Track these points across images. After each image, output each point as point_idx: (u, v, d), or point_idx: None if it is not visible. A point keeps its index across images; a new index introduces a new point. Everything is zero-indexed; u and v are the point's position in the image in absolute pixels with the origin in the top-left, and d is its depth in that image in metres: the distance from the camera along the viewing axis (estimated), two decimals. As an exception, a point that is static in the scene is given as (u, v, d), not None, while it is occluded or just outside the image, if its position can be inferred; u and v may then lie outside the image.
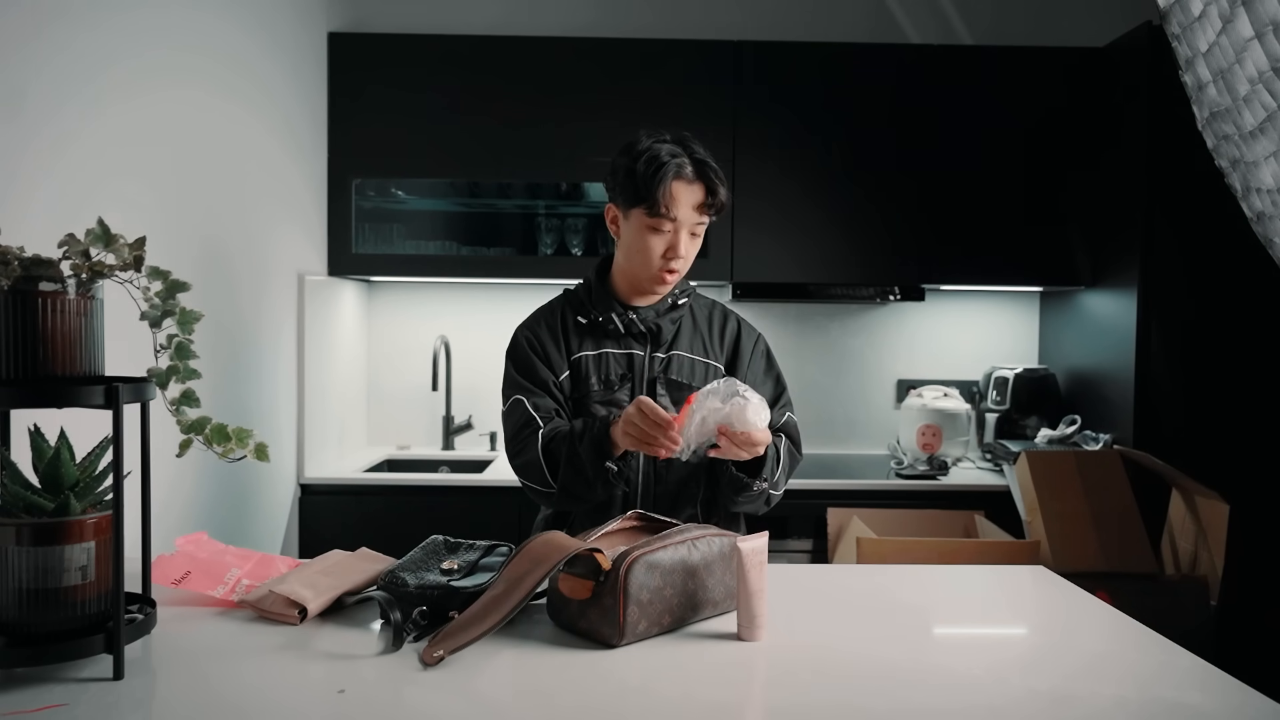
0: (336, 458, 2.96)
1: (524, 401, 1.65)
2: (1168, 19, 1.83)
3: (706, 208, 1.64)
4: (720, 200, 1.64)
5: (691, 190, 1.62)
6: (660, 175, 1.59)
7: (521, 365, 1.70)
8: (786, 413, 1.74)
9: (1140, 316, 2.66)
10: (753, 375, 1.74)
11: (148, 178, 1.90)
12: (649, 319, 1.70)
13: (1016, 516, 2.52)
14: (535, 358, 1.70)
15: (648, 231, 1.63)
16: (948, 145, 2.94)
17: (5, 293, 1.08)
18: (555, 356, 1.70)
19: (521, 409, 1.65)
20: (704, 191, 1.63)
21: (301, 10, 2.72)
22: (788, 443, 1.70)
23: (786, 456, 1.68)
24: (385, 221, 3.05)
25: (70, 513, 1.09)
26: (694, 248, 1.68)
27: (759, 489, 1.59)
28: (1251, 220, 1.94)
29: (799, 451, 1.74)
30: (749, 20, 3.18)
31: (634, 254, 1.66)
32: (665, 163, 1.60)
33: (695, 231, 1.66)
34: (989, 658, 1.23)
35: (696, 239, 1.68)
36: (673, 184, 1.60)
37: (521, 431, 1.64)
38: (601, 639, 1.23)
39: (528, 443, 1.62)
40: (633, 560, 1.23)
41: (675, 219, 1.62)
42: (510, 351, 1.74)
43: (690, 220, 1.63)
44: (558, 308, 1.76)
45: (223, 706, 1.05)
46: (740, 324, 1.80)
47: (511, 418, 1.67)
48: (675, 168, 1.60)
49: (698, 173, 1.62)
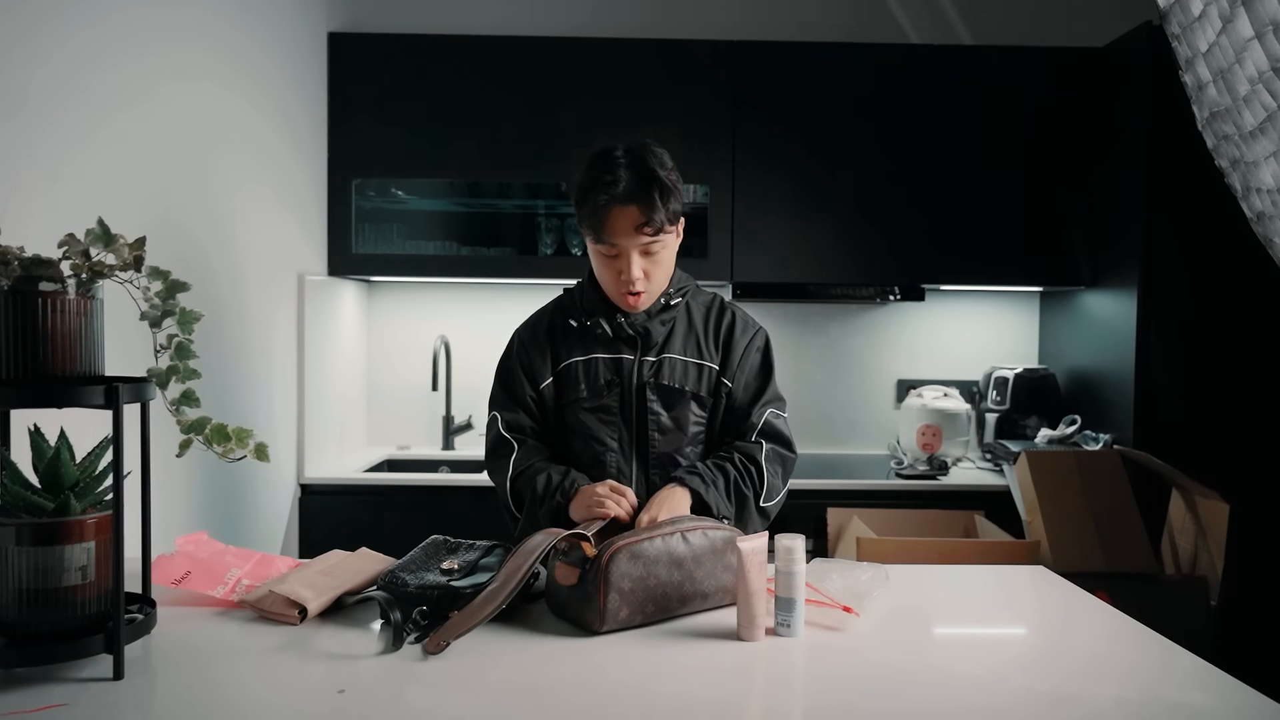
0: (336, 458, 2.96)
1: (499, 419, 1.70)
2: (1168, 19, 1.83)
3: (646, 228, 1.54)
4: (659, 220, 1.54)
5: (626, 214, 1.54)
6: (593, 205, 1.55)
7: (504, 377, 1.73)
8: (767, 410, 1.67)
9: (1140, 316, 2.66)
10: (742, 375, 1.69)
11: (148, 177, 1.89)
12: (638, 323, 1.66)
13: (1016, 516, 2.52)
14: (519, 369, 1.70)
15: (599, 256, 1.62)
16: (948, 145, 2.94)
17: (5, 293, 1.08)
18: (540, 365, 1.69)
19: (495, 428, 1.70)
20: (639, 214, 1.54)
21: (301, 10, 2.72)
22: (770, 448, 1.64)
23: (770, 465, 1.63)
24: (385, 221, 3.05)
25: (70, 513, 1.09)
26: (656, 265, 1.60)
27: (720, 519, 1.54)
28: (1251, 220, 1.94)
29: (789, 450, 1.68)
30: (749, 20, 3.18)
31: (599, 275, 1.66)
32: (593, 191, 1.54)
33: (649, 250, 1.58)
34: (989, 658, 1.23)
35: (655, 257, 1.59)
36: (607, 212, 1.54)
37: (496, 450, 1.69)
38: (584, 624, 1.28)
39: (499, 466, 1.67)
40: (616, 549, 1.27)
41: (616, 244, 1.56)
42: (501, 361, 1.76)
43: (634, 243, 1.56)
44: (548, 314, 1.75)
45: (223, 706, 1.05)
46: (736, 318, 1.73)
47: (489, 433, 1.72)
48: (606, 195, 1.53)
49: (631, 193, 1.53)
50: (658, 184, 1.54)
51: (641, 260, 1.58)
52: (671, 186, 1.57)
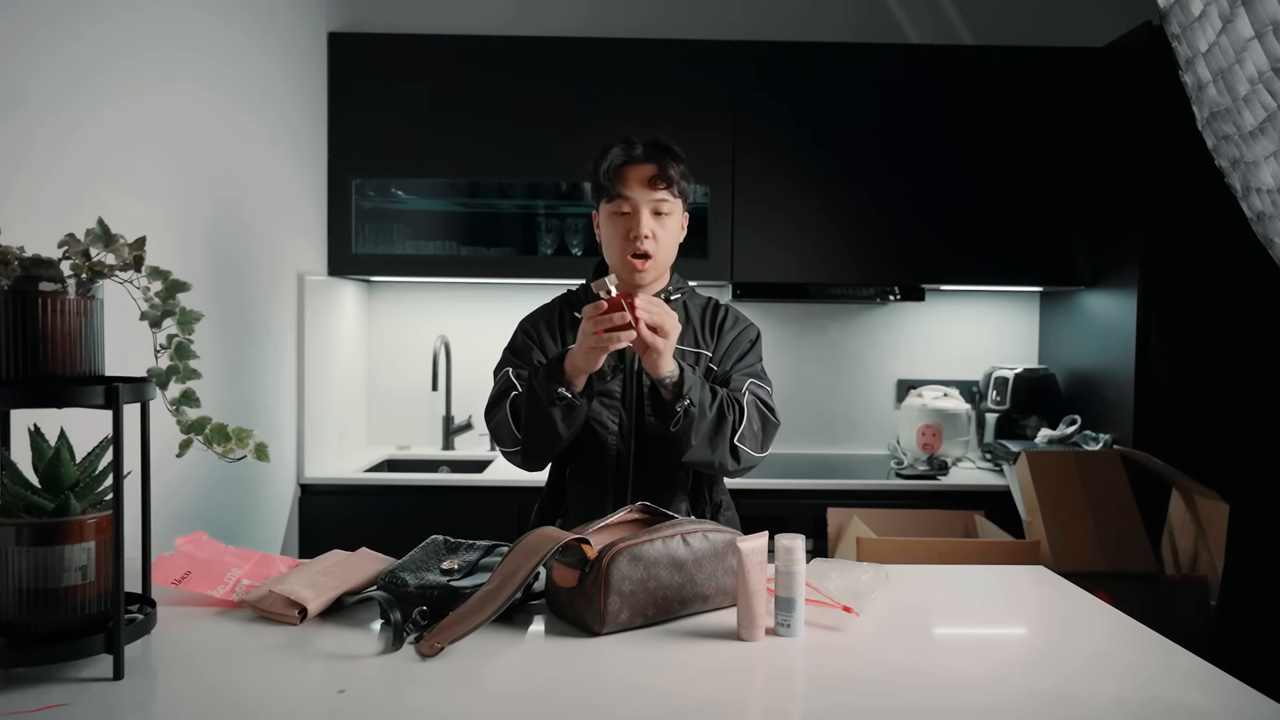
0: (336, 458, 2.96)
1: (509, 372, 1.69)
2: (1168, 19, 1.83)
3: (660, 181, 1.65)
4: (673, 174, 1.66)
5: (640, 169, 1.66)
6: (608, 160, 1.67)
7: (516, 349, 1.77)
8: (748, 380, 1.69)
9: (1140, 316, 2.66)
10: (730, 355, 1.74)
11: (147, 178, 1.90)
12: None
13: (1016, 516, 2.52)
14: (531, 344, 1.75)
15: (611, 218, 1.69)
16: (948, 145, 2.94)
17: (5, 293, 1.08)
18: (551, 346, 1.75)
19: (505, 378, 1.69)
20: (655, 168, 1.65)
21: (301, 10, 2.72)
22: (753, 398, 1.65)
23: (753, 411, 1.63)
24: (385, 221, 3.05)
25: (70, 513, 1.09)
26: (664, 230, 1.68)
27: (682, 409, 1.54)
28: (1251, 220, 1.94)
29: (773, 416, 1.68)
30: (749, 20, 3.18)
31: (607, 247, 1.72)
32: (611, 152, 1.67)
33: (659, 209, 1.67)
34: (989, 658, 1.23)
35: (663, 220, 1.67)
36: (622, 167, 1.66)
37: (500, 397, 1.68)
38: (585, 626, 1.27)
39: (500, 404, 1.66)
40: (616, 552, 1.26)
41: (628, 198, 1.65)
42: (509, 342, 1.80)
43: (646, 198, 1.65)
44: (557, 306, 1.82)
45: (223, 706, 1.05)
46: (730, 313, 1.80)
47: (496, 386, 1.72)
48: (622, 151, 1.67)
49: (647, 154, 1.66)
50: (671, 152, 1.69)
51: (651, 220, 1.66)
52: (683, 161, 1.70)
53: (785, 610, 1.27)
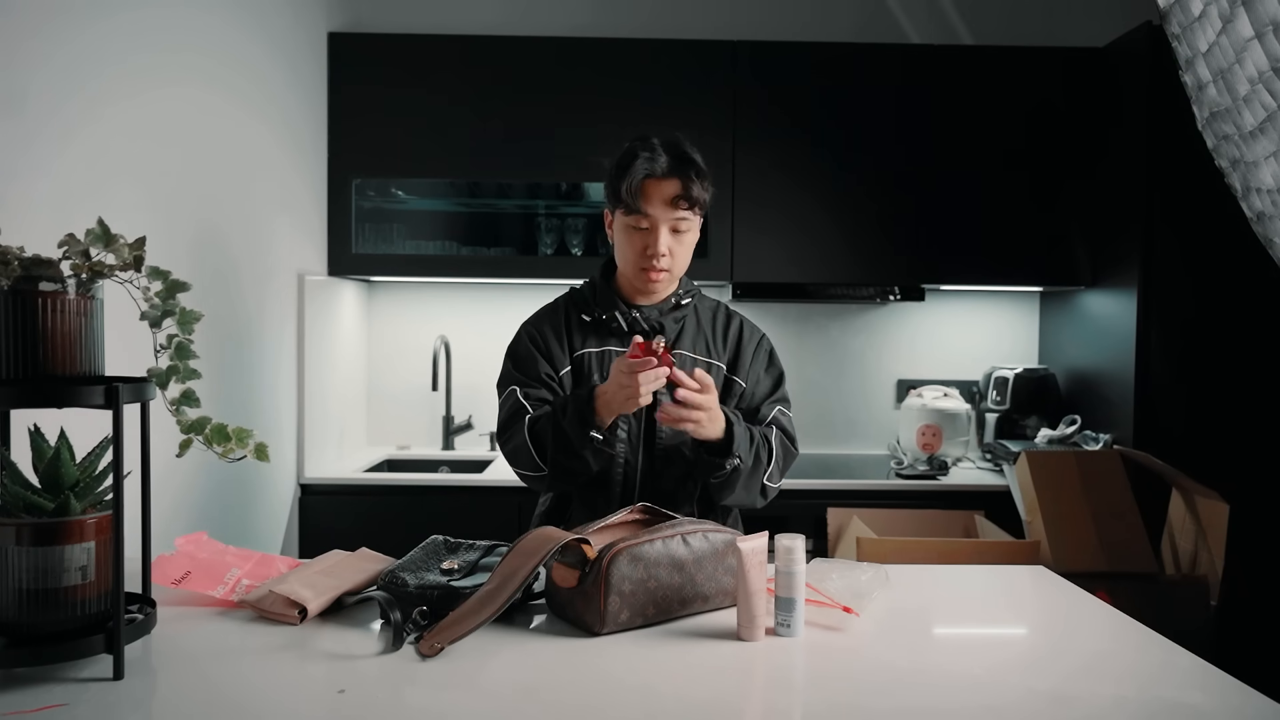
0: (336, 458, 2.96)
1: (517, 391, 1.67)
2: (1168, 19, 1.83)
3: (682, 201, 1.61)
4: (696, 194, 1.61)
5: (664, 186, 1.61)
6: (630, 173, 1.60)
7: (520, 359, 1.72)
8: (776, 407, 1.73)
9: (1140, 316, 2.66)
10: (754, 372, 1.75)
11: (148, 177, 1.89)
12: (652, 318, 1.71)
13: (1016, 516, 2.52)
14: (536, 352, 1.71)
15: (628, 231, 1.65)
16: (948, 145, 2.94)
17: (5, 293, 1.08)
18: (557, 352, 1.71)
19: (514, 398, 1.67)
20: (679, 186, 1.60)
21: (301, 10, 2.72)
22: (779, 434, 1.69)
23: (779, 447, 1.67)
24: (385, 221, 3.05)
25: (70, 513, 1.09)
26: (680, 246, 1.66)
27: (731, 466, 1.56)
28: (1251, 220, 1.94)
29: (793, 445, 1.73)
30: (748, 20, 3.18)
31: (620, 256, 1.69)
32: (635, 160, 1.61)
33: (678, 228, 1.64)
34: (989, 658, 1.23)
35: (681, 236, 1.65)
36: (644, 182, 1.60)
37: (512, 420, 1.65)
38: (585, 626, 1.27)
39: (516, 429, 1.63)
40: (616, 552, 1.26)
41: (648, 215, 1.61)
42: (511, 347, 1.76)
43: (666, 217, 1.62)
44: (561, 306, 1.78)
45: (223, 706, 1.05)
46: (743, 324, 1.80)
47: (504, 407, 1.69)
48: (645, 165, 1.60)
49: (671, 169, 1.61)
50: (694, 165, 1.63)
51: (669, 238, 1.63)
52: (706, 173, 1.65)
53: (785, 610, 1.27)
